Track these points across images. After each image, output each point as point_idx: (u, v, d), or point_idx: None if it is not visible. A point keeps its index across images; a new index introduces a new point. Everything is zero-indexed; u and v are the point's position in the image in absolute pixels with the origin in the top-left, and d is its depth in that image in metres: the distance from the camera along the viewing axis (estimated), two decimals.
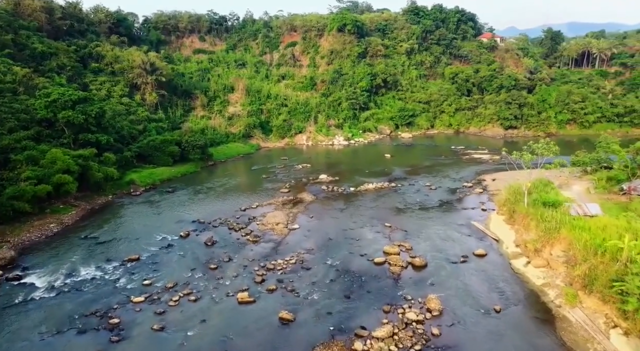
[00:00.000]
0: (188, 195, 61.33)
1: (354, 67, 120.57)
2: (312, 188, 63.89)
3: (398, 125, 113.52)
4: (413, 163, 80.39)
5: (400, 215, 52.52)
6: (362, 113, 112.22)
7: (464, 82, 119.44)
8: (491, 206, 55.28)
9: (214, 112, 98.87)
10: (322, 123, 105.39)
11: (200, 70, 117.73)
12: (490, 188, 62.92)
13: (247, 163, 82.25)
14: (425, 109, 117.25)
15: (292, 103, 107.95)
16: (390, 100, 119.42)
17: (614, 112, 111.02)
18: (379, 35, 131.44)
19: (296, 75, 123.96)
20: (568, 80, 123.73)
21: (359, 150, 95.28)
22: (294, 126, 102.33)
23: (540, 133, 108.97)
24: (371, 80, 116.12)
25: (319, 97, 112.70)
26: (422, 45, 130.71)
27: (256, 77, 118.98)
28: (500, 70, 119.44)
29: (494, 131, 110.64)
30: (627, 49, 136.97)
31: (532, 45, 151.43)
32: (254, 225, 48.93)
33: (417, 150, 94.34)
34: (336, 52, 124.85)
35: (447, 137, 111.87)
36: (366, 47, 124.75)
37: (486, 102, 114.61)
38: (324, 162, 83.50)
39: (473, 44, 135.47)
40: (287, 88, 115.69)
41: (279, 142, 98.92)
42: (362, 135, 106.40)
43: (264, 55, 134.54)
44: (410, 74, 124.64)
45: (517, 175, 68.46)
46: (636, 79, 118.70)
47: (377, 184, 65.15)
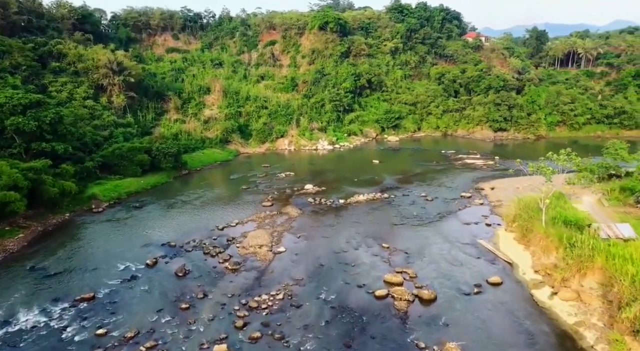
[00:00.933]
0: (158, 210, 54.54)
1: (337, 67, 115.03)
2: (297, 201, 57.86)
3: (384, 128, 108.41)
4: (404, 170, 75.18)
5: (397, 233, 47.00)
6: (347, 115, 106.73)
7: (450, 82, 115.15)
8: (495, 220, 50.25)
9: (188, 116, 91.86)
10: (305, 126, 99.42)
11: (174, 70, 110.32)
12: (490, 199, 58.01)
13: (225, 171, 75.62)
14: (412, 111, 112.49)
15: (272, 106, 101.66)
16: (375, 101, 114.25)
17: (604, 114, 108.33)
18: (362, 34, 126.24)
19: (276, 75, 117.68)
20: (555, 81, 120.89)
21: (345, 155, 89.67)
22: (275, 130, 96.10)
23: (530, 135, 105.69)
24: (355, 80, 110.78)
25: (301, 99, 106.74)
26: (406, 44, 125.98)
27: (234, 78, 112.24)
28: (488, 70, 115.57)
29: (483, 133, 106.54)
30: (612, 49, 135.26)
31: (516, 45, 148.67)
32: (234, 249, 42.65)
33: (406, 155, 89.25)
34: (318, 51, 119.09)
35: (435, 140, 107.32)
36: (349, 46, 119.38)
37: (474, 104, 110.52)
38: (309, 169, 77.55)
39: (458, 44, 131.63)
40: (267, 90, 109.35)
41: (259, 147, 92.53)
42: (347, 139, 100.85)
43: (241, 54, 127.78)
44: (395, 74, 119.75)
45: (516, 182, 64.05)
46: (624, 79, 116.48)
47: (368, 195, 59.57)
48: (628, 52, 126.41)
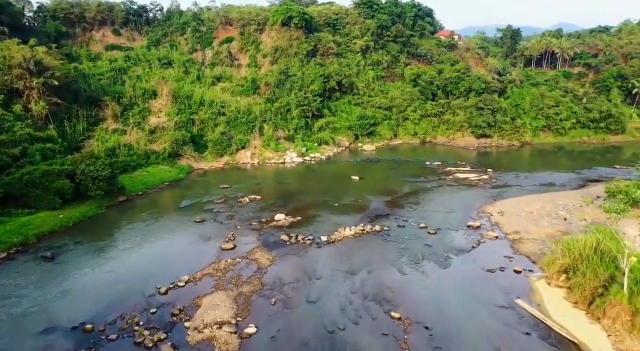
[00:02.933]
0: (78, 262, 40.19)
1: (303, 67, 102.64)
2: (267, 240, 45.02)
3: (358, 136, 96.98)
4: (390, 190, 63.74)
5: (406, 289, 35.18)
6: (316, 122, 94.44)
7: (427, 84, 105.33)
8: (523, 263, 39.36)
9: (129, 125, 76.70)
10: (270, 135, 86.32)
11: (114, 71, 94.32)
12: (505, 229, 47.29)
13: (174, 195, 61.49)
14: (387, 116, 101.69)
15: (231, 112, 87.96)
16: (347, 106, 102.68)
17: (589, 117, 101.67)
18: (329, 31, 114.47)
19: (234, 76, 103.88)
20: (535, 82, 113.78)
21: (318, 169, 77.30)
22: (234, 140, 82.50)
23: (515, 142, 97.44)
24: (324, 82, 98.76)
25: (263, 103, 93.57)
26: (377, 42, 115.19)
27: (185, 79, 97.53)
28: (467, 71, 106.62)
29: (465, 140, 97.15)
30: (587, 49, 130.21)
31: (489, 44, 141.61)
32: (181, 331, 29.44)
33: (387, 168, 77.98)
34: (281, 49, 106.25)
35: (413, 148, 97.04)
36: (316, 44, 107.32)
37: (454, 108, 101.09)
38: (278, 190, 64.62)
39: (431, 42, 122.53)
40: (224, 93, 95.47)
41: (217, 161, 78.62)
42: (317, 149, 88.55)
43: (194, 52, 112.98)
44: (367, 75, 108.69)
45: (524, 204, 54.12)
46: (606, 80, 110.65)
47: (356, 227, 47.57)
48: (606, 52, 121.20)
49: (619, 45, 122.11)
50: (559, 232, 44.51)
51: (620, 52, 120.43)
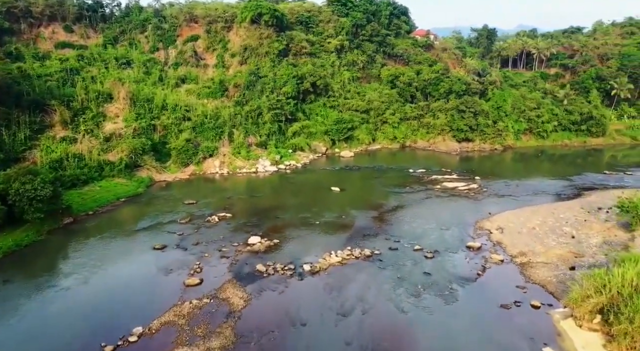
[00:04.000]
0: (1, 311, 32.41)
1: (275, 67, 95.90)
2: (240, 270, 38.30)
3: (335, 141, 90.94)
4: (375, 203, 57.99)
5: (411, 338, 29.23)
6: (290, 126, 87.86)
7: (406, 86, 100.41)
8: (539, 294, 34.13)
9: (81, 132, 68.11)
10: (240, 141, 79.17)
11: (65, 71, 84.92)
12: (509, 250, 42.10)
13: (132, 214, 53.72)
14: (365, 119, 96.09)
15: (197, 116, 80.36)
16: (322, 109, 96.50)
17: (570, 120, 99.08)
18: (301, 30, 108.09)
19: (200, 77, 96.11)
20: (513, 83, 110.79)
21: (294, 179, 70.72)
22: (201, 148, 75.00)
23: (497, 146, 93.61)
24: (297, 84, 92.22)
25: (233, 106, 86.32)
26: (352, 42, 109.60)
27: (146, 81, 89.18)
28: (446, 72, 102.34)
29: (447, 145, 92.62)
30: (563, 49, 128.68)
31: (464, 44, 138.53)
32: None
33: (369, 176, 72.25)
34: (251, 48, 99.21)
35: (393, 153, 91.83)
36: (288, 43, 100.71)
37: (434, 110, 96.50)
38: (251, 205, 57.66)
39: (407, 42, 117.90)
40: (189, 95, 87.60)
41: (182, 171, 70.99)
42: (292, 156, 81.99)
43: (156, 51, 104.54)
44: (342, 76, 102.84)
45: (523, 218, 49.26)
46: (585, 82, 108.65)
47: (343, 253, 41.43)
48: (583, 52, 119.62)
49: (594, 45, 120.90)
50: (570, 253, 39.67)
51: (597, 53, 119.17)
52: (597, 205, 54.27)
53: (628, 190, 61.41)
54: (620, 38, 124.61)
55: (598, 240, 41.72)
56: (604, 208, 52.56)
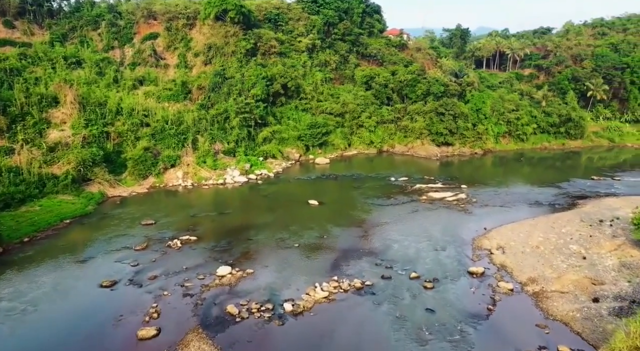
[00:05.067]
0: None
1: (242, 68, 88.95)
2: (207, 314, 31.60)
3: (309, 147, 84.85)
4: (358, 218, 52.35)
5: None
6: (260, 131, 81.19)
7: (382, 87, 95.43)
8: (565, 335, 29.08)
9: (19, 141, 59.29)
10: (205, 149, 72.01)
11: (4, 72, 75.16)
12: (517, 276, 37.08)
13: (77, 240, 45.82)
14: (340, 123, 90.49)
15: (157, 122, 72.66)
16: (294, 112, 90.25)
17: (549, 122, 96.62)
18: (270, 28, 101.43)
19: (160, 78, 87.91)
20: (489, 85, 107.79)
21: (267, 191, 64.09)
22: (162, 157, 67.42)
23: (477, 150, 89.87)
24: (267, 85, 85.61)
25: (197, 110, 78.91)
26: (324, 41, 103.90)
27: (99, 82, 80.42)
28: (422, 72, 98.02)
29: (427, 150, 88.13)
30: (536, 50, 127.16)
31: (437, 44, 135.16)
32: None
33: (348, 186, 66.54)
34: (216, 47, 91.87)
35: (370, 158, 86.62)
36: (256, 42, 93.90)
37: (412, 113, 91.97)
38: (219, 224, 50.76)
39: (381, 41, 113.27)
40: (148, 98, 79.41)
41: (139, 185, 63.23)
42: (263, 164, 75.37)
43: (110, 50, 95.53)
44: (315, 78, 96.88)
45: (523, 233, 44.62)
46: (561, 83, 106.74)
47: (329, 285, 35.43)
48: (557, 53, 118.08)
49: (568, 46, 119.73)
50: (587, 279, 35.02)
51: (570, 53, 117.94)
52: (597, 216, 50.34)
53: (621, 199, 58.52)
54: (592, 38, 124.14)
55: (614, 262, 37.32)
56: (605, 220, 48.66)
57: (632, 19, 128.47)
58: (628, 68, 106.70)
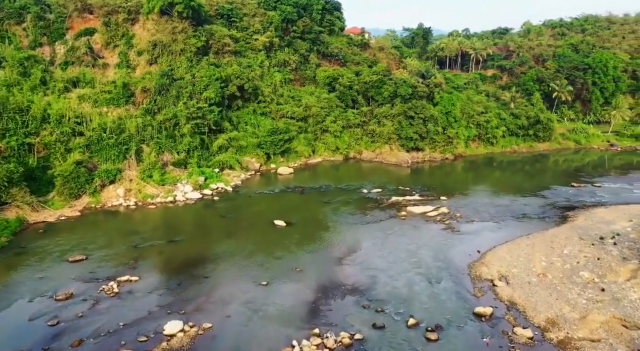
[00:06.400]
0: None
1: (193, 68, 79.76)
2: None
3: (270, 155, 76.90)
4: (332, 242, 45.38)
5: None
6: (215, 139, 72.57)
7: (346, 89, 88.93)
8: None
9: None
10: (152, 161, 62.65)
11: None
12: (532, 317, 31.18)
13: None
14: (303, 128, 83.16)
15: (93, 130, 62.67)
16: (252, 116, 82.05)
17: (518, 124, 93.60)
18: (223, 24, 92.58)
19: (98, 80, 77.07)
20: (455, 86, 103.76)
21: (225, 209, 55.63)
22: (99, 172, 57.61)
23: (448, 155, 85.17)
24: (221, 87, 76.97)
25: (141, 116, 69.21)
26: (283, 39, 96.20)
27: (23, 84, 68.93)
28: (388, 73, 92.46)
29: (396, 156, 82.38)
30: (497, 50, 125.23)
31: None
32: None
33: (317, 201, 59.29)
34: (162, 45, 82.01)
35: (336, 166, 79.92)
36: (208, 40, 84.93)
37: (379, 116, 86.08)
38: (168, 257, 42.09)
39: (342, 40, 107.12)
40: (83, 103, 68.90)
41: (70, 206, 53.19)
42: (220, 176, 66.81)
43: (38, 47, 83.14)
44: (274, 79, 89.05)
45: (522, 256, 39.07)
46: (526, 84, 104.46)
47: (310, 342, 28.08)
48: (520, 53, 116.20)
49: (529, 46, 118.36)
50: (617, 320, 29.63)
51: (532, 54, 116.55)
52: (594, 232, 45.90)
53: (611, 209, 54.88)
54: (552, 39, 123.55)
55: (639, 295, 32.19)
56: (606, 237, 44.19)
57: (589, 19, 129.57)
58: (589, 69, 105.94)
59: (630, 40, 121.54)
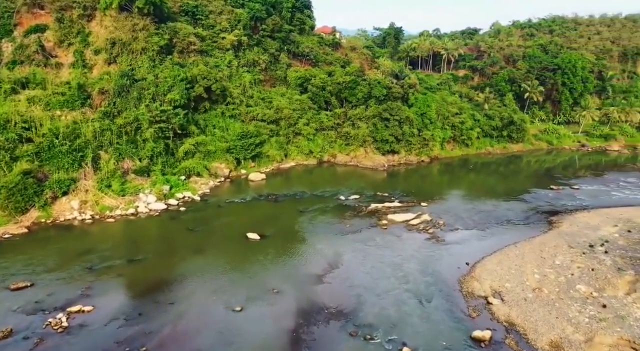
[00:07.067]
0: None
1: (156, 68, 74.68)
2: None
3: (240, 160, 72.71)
4: (311, 257, 41.92)
5: None
6: (181, 144, 67.86)
7: (319, 90, 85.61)
8: None
9: None
10: (111, 169, 57.50)
11: None
12: (534, 340, 28.90)
13: None
14: (275, 131, 79.32)
15: (43, 135, 56.95)
16: (220, 119, 77.61)
17: (492, 126, 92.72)
18: (188, 21, 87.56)
19: (50, 80, 70.71)
20: (428, 86, 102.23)
21: (192, 222, 51.19)
22: (50, 182, 52.16)
23: (424, 157, 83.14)
24: (187, 88, 72.27)
25: (99, 120, 63.81)
26: (251, 38, 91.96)
27: None
28: (361, 74, 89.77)
29: (372, 159, 79.66)
30: (468, 50, 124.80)
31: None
32: None
33: (291, 210, 55.64)
34: (121, 43, 76.23)
35: (310, 170, 76.53)
36: (171, 38, 79.83)
37: (353, 118, 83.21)
38: (127, 279, 37.53)
39: (313, 39, 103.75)
40: (32, 106, 62.82)
41: (16, 222, 47.64)
42: (186, 184, 62.22)
43: None
44: (243, 79, 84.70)
45: (513, 268, 36.82)
46: (498, 84, 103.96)
47: None
48: (491, 53, 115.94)
49: (500, 46, 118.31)
50: (626, 342, 27.50)
51: (502, 54, 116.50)
52: (582, 238, 44.35)
53: (593, 213, 53.72)
54: (522, 39, 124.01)
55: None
56: (595, 244, 42.69)
57: (557, 20, 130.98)
58: (559, 69, 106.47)
59: (595, 41, 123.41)
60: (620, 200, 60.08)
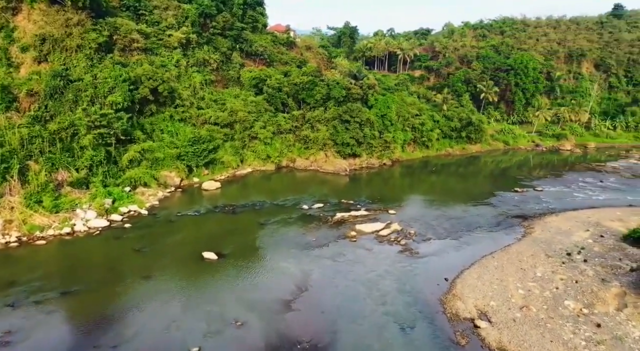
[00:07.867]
0: None
1: (94, 67, 67.47)
2: None
3: (192, 168, 67.01)
4: (275, 277, 37.72)
5: None
6: (124, 151, 61.40)
7: (275, 91, 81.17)
8: None
9: None
10: (42, 182, 50.52)
11: None
12: None
13: None
14: (229, 136, 74.16)
15: None
16: (169, 123, 71.51)
17: (451, 126, 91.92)
18: (129, 17, 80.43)
19: None
20: (385, 87, 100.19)
21: (139, 241, 45.36)
22: None
23: (386, 160, 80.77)
24: (131, 90, 65.78)
25: (27, 125, 56.31)
26: (201, 35, 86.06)
27: None
28: (319, 74, 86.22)
29: (333, 163, 76.19)
30: (423, 51, 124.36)
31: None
32: None
33: (251, 223, 51.01)
34: (53, 39, 68.18)
35: (268, 177, 72.03)
36: (111, 34, 72.57)
37: (312, 121, 79.48)
38: (58, 319, 31.70)
39: (267, 38, 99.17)
40: None
41: None
42: (132, 197, 55.99)
43: None
44: (192, 80, 78.87)
45: (495, 282, 34.39)
46: (455, 85, 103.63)
47: None
48: (446, 54, 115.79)
49: (454, 47, 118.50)
50: None
51: (457, 54, 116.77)
52: (557, 246, 42.92)
53: (561, 217, 52.86)
54: (475, 40, 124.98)
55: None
56: (572, 252, 41.27)
57: (507, 21, 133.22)
58: (512, 70, 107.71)
59: (543, 43, 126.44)
60: (584, 202, 60.00)
